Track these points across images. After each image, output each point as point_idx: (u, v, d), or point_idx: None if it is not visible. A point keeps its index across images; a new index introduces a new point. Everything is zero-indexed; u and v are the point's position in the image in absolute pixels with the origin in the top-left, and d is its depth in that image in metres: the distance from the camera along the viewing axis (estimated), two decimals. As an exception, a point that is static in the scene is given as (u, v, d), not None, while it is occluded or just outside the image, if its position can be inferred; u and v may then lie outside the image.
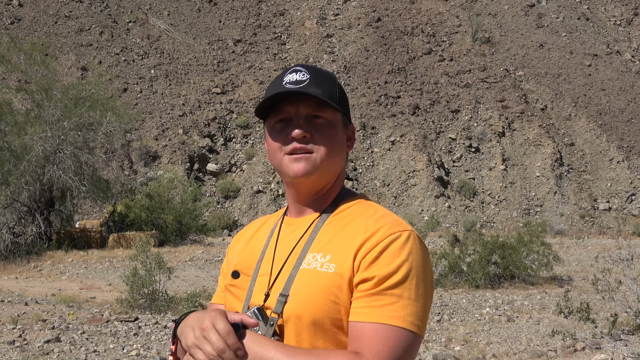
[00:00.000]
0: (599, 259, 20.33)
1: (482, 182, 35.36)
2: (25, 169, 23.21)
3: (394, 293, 1.65)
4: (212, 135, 36.21)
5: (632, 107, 40.11)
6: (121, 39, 40.57)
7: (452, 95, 39.72)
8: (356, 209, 1.88)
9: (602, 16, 50.14)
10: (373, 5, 46.75)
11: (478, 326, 12.99)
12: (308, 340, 1.72)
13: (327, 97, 1.81)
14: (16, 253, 22.64)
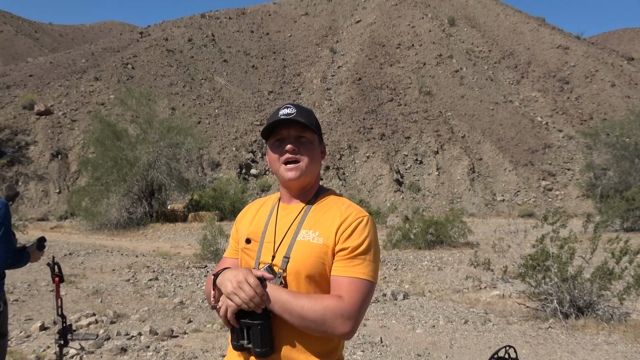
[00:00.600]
0: (496, 231, 21.26)
1: (424, 183, 35.72)
2: (136, 172, 23.54)
3: (361, 257, 1.75)
4: (253, 151, 37.00)
5: (518, 136, 40.44)
6: (196, 90, 40.48)
7: (405, 127, 40.24)
8: (330, 200, 1.92)
9: (501, 78, 50.58)
10: (356, 70, 46.98)
11: (420, 273, 13.15)
12: (304, 288, 1.77)
13: (310, 123, 1.86)
14: (130, 225, 22.72)
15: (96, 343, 6.23)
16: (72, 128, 34.46)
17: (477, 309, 8.88)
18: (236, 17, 58.40)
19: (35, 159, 31.97)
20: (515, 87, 49.95)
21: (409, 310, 8.56)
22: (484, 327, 7.64)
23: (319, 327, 1.66)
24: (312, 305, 1.66)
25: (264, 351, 1.70)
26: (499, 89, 48.65)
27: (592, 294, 7.90)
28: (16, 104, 35.57)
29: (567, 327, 7.48)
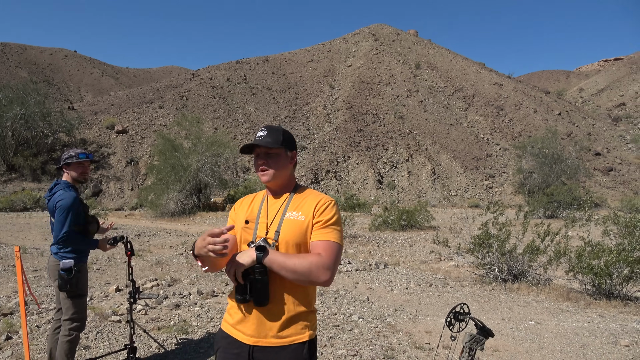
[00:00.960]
0: (452, 218, 21.40)
1: (398, 182, 35.58)
2: (188, 174, 23.21)
3: (332, 227, 1.79)
4: None
5: (467, 148, 40.28)
6: (232, 115, 40.49)
7: (384, 142, 40.09)
8: (308, 191, 1.92)
9: (454, 106, 50.49)
10: (348, 101, 46.93)
11: (396, 248, 13.04)
12: (292, 252, 1.77)
13: (272, 142, 1.84)
14: (183, 213, 22.27)
15: (157, 301, 6.15)
16: (142, 143, 34.47)
17: (439, 275, 8.79)
18: (261, 63, 58.68)
19: (115, 165, 31.99)
20: (464, 112, 50.10)
21: (388, 276, 8.47)
22: (444, 289, 7.59)
23: (307, 278, 1.69)
24: (301, 262, 1.69)
25: (262, 301, 1.73)
26: (452, 114, 48.76)
27: (523, 264, 7.86)
28: (101, 125, 35.66)
29: (505, 289, 7.43)
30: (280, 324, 1.77)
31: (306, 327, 1.80)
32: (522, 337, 5.13)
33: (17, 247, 3.37)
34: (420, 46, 69.00)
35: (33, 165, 29.51)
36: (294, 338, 1.77)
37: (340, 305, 6.22)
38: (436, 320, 5.74)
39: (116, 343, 4.57)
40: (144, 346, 4.49)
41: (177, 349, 4.47)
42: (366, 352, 4.50)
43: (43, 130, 32.05)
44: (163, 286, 7.12)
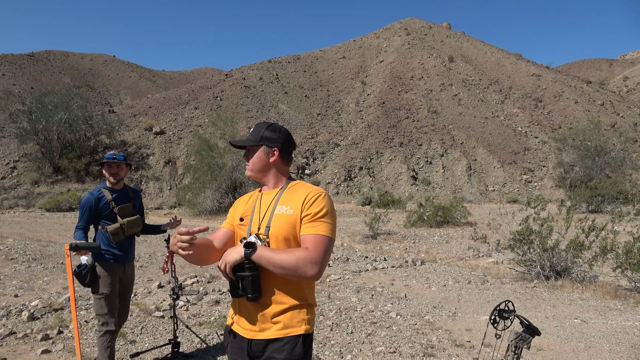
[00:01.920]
0: (490, 214, 20.83)
1: (433, 178, 35.09)
2: (224, 173, 23.49)
3: (321, 220, 1.75)
4: (307, 157, 36.57)
5: (503, 142, 39.34)
6: (265, 114, 40.79)
7: (418, 137, 39.63)
8: (298, 185, 1.90)
9: (489, 99, 49.43)
10: (380, 97, 46.68)
11: (432, 245, 12.91)
12: (282, 247, 1.77)
13: (250, 142, 1.90)
14: (219, 211, 22.24)
15: (198, 297, 6.27)
16: (179, 143, 35.29)
17: (477, 272, 8.62)
18: (293, 61, 58.89)
19: (153, 165, 32.89)
20: (500, 105, 48.85)
21: (426, 273, 8.37)
22: (483, 286, 7.43)
23: (294, 273, 1.67)
24: (288, 257, 1.67)
25: (254, 296, 1.73)
26: (488, 107, 47.61)
27: (567, 261, 7.58)
28: (140, 127, 36.73)
29: (548, 286, 7.20)
30: (274, 318, 1.78)
31: (302, 321, 1.79)
32: (567, 335, 4.97)
33: (67, 245, 3.51)
34: (454, 39, 67.63)
35: (77, 167, 30.75)
36: (288, 331, 1.77)
37: (377, 302, 6.19)
38: (476, 318, 5.63)
39: (160, 338, 4.70)
40: (187, 341, 4.60)
41: (219, 344, 4.55)
42: (405, 350, 4.46)
43: (86, 133, 33.36)
44: (203, 283, 7.26)
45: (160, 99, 46.17)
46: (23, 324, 5.15)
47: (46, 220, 18.38)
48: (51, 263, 9.05)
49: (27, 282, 7.40)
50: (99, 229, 3.65)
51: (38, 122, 30.57)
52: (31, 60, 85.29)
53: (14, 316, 5.42)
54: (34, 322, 5.22)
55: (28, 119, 30.72)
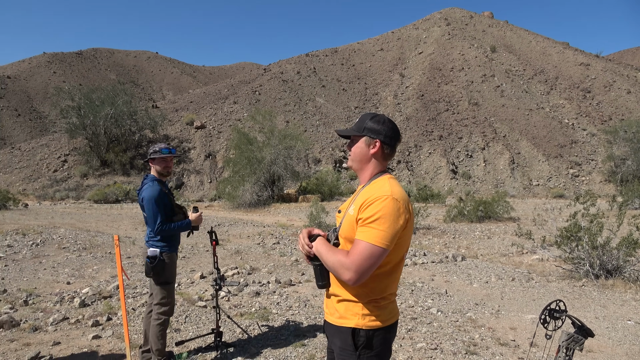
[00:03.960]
0: (535, 209, 20.22)
1: (473, 172, 34.26)
2: (262, 167, 23.61)
3: (370, 226, 1.68)
4: (344, 150, 35.69)
5: (549, 135, 37.93)
6: (303, 108, 41.05)
7: (458, 130, 38.80)
8: (375, 183, 1.83)
9: (534, 90, 47.58)
10: (419, 89, 46.05)
11: (473, 240, 12.45)
12: (346, 247, 1.79)
13: (354, 131, 1.87)
14: (258, 204, 22.53)
15: (239, 288, 6.38)
16: (219, 137, 35.98)
17: (522, 269, 8.33)
18: (330, 54, 58.73)
19: (194, 159, 33.72)
20: (545, 97, 47.01)
21: (467, 269, 8.18)
22: (528, 284, 7.19)
23: (334, 273, 1.74)
24: (331, 257, 1.73)
25: (320, 284, 1.84)
26: (532, 99, 45.92)
27: (619, 259, 7.22)
28: (182, 121, 37.70)
29: (598, 285, 6.90)
30: (336, 305, 1.85)
31: (355, 315, 1.79)
32: (619, 337, 4.74)
33: (116, 236, 3.65)
34: (496, 28, 65.53)
35: (123, 161, 31.95)
36: (343, 321, 1.82)
37: (417, 298, 6.11)
38: (521, 316, 5.46)
39: (203, 327, 4.81)
40: (229, 331, 4.69)
41: (259, 334, 4.62)
42: (447, 347, 4.38)
43: (131, 128, 34.59)
44: (243, 274, 7.37)
45: (200, 93, 47.20)
46: (75, 310, 5.40)
47: (94, 212, 19.19)
48: (100, 252, 9.45)
49: (78, 270, 7.75)
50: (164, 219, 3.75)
51: (86, 117, 31.90)
52: (79, 58, 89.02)
53: (66, 302, 5.70)
54: (85, 308, 5.47)
55: (77, 115, 32.13)
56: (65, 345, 4.32)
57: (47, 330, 4.71)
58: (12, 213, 17.47)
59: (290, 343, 4.38)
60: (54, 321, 4.89)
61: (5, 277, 7.15)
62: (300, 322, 5.00)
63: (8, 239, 10.68)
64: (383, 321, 1.81)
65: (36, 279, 7.07)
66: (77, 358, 4.03)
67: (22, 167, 31.74)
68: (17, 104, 67.11)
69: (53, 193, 27.34)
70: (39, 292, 6.19)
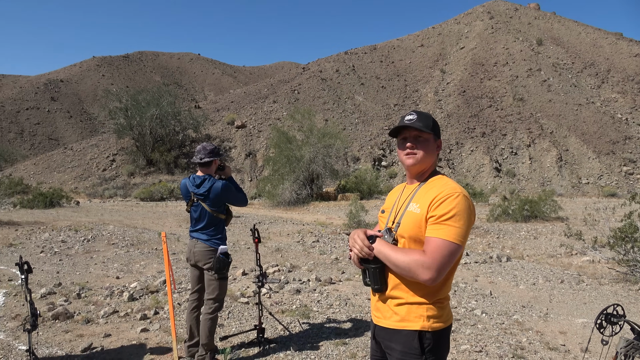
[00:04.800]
0: (586, 208, 19.33)
1: (518, 169, 33.18)
2: (302, 165, 23.76)
3: (445, 223, 1.67)
4: (383, 149, 35.98)
5: (600, 130, 36.32)
6: (342, 106, 41.22)
7: (502, 127, 37.72)
8: (437, 181, 1.84)
9: (584, 84, 45.67)
10: (461, 85, 45.12)
11: (519, 241, 12.17)
12: (408, 245, 1.76)
13: (423, 127, 1.82)
14: (298, 202, 22.61)
15: (279, 285, 6.45)
16: (259, 136, 36.51)
17: (571, 271, 7.99)
18: (369, 52, 58.33)
19: (235, 158, 34.36)
20: (596, 90, 44.90)
21: (512, 270, 7.92)
22: (579, 286, 6.89)
23: (408, 274, 1.68)
24: (403, 257, 1.67)
25: (377, 288, 1.79)
26: (582, 93, 43.98)
27: (679, 262, 6.79)
28: (223, 121, 38.52)
29: (656, 289, 6.50)
30: (395, 308, 1.79)
31: (420, 317, 1.75)
32: (681, 345, 4.45)
33: (163, 232, 3.76)
34: (543, 20, 63.11)
35: (167, 160, 32.98)
36: (405, 324, 1.76)
37: (460, 299, 5.99)
38: (571, 320, 5.24)
39: (246, 323, 4.90)
40: (270, 327, 4.75)
41: (300, 332, 4.65)
42: (493, 350, 4.26)
43: (174, 128, 35.66)
44: (283, 272, 7.43)
45: (241, 93, 48.00)
46: (124, 303, 5.61)
47: (141, 209, 19.89)
48: (146, 249, 9.78)
49: (126, 266, 8.05)
50: (220, 216, 3.88)
51: (133, 118, 33.15)
52: (126, 61, 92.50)
53: (116, 296, 5.94)
54: (134, 302, 5.68)
55: (124, 116, 33.44)
56: (115, 337, 4.50)
57: (99, 322, 4.92)
58: (65, 210, 18.37)
59: (331, 340, 4.39)
60: (104, 314, 5.11)
61: (60, 271, 7.53)
62: (341, 321, 4.99)
63: (62, 234, 11.24)
64: (445, 321, 1.80)
65: (88, 273, 7.40)
66: (127, 350, 4.18)
67: (74, 166, 33.34)
68: (69, 106, 70.53)
69: (102, 191, 28.53)
70: (90, 286, 6.47)
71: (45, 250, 9.35)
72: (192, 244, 3.86)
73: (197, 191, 3.79)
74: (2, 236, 10.97)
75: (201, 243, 3.80)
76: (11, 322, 4.89)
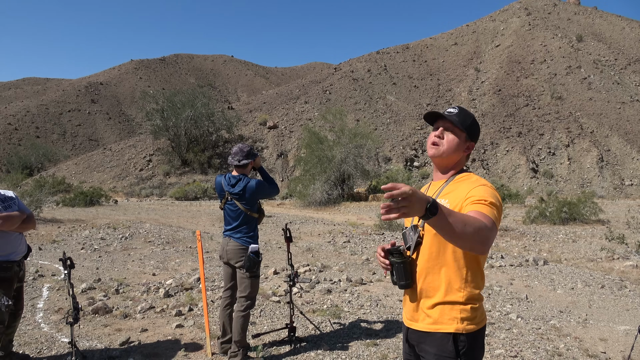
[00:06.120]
0: (630, 211, 18.63)
1: (556, 170, 32.22)
2: (333, 166, 23.73)
3: (484, 203, 1.59)
4: (416, 149, 35.69)
5: (645, 131, 35.35)
6: (373, 106, 41.06)
7: (539, 126, 36.69)
8: (465, 178, 1.80)
9: (627, 81, 43.71)
10: (496, 83, 44.22)
11: (556, 244, 11.75)
12: (433, 242, 1.71)
13: (458, 122, 1.79)
14: (329, 202, 22.52)
15: (310, 285, 6.48)
16: (290, 137, 36.77)
17: (612, 276, 7.68)
18: (402, 51, 57.80)
19: (267, 158, 34.74)
20: (640, 88, 43.01)
21: (549, 274, 7.67)
22: (621, 292, 6.61)
23: (473, 232, 1.40)
24: (472, 220, 1.43)
25: (403, 284, 1.75)
26: (625, 91, 42.21)
27: None
28: (255, 122, 39.00)
29: None
30: (427, 310, 1.75)
31: (453, 319, 1.70)
32: None
33: (198, 231, 3.85)
34: (583, 16, 60.95)
35: (201, 160, 33.67)
36: (439, 327, 1.71)
37: (494, 302, 5.86)
38: (612, 327, 5.05)
39: (277, 322, 4.95)
40: (302, 327, 4.78)
41: (331, 332, 4.66)
42: (528, 355, 4.15)
43: (208, 129, 36.34)
44: (314, 272, 7.46)
45: (273, 94, 48.50)
46: (160, 299, 5.78)
47: (176, 208, 20.39)
48: (181, 247, 10.02)
49: (162, 263, 8.27)
50: (253, 215, 3.95)
51: (169, 119, 34.05)
52: (162, 64, 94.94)
53: (152, 292, 6.12)
54: (169, 299, 5.83)
55: (160, 117, 34.38)
56: (151, 332, 4.63)
57: (136, 317, 5.07)
58: (104, 208, 19.04)
59: (362, 341, 4.38)
60: (141, 309, 5.27)
61: (100, 267, 7.81)
62: (372, 321, 4.98)
63: (101, 232, 11.66)
64: (479, 323, 1.75)
65: (125, 270, 7.64)
66: (162, 345, 4.30)
67: (112, 166, 34.50)
68: (108, 108, 73.01)
69: (139, 190, 29.39)
70: (128, 282, 6.68)
71: (86, 247, 9.72)
72: (225, 242, 3.94)
73: (232, 190, 3.87)
74: (46, 233, 11.47)
75: (233, 241, 3.87)
76: (54, 315, 5.10)
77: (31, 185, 24.10)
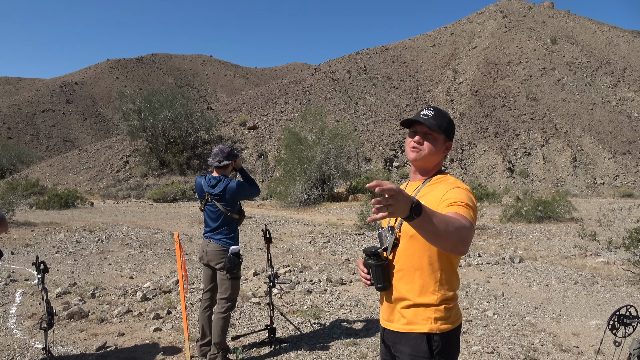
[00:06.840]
0: (601, 209, 19.06)
1: (532, 170, 32.87)
2: (313, 166, 23.74)
3: (460, 204, 1.58)
4: (395, 149, 35.92)
5: (616, 130, 35.84)
6: (353, 107, 41.29)
7: (515, 126, 37.38)
8: (442, 180, 1.81)
9: (599, 83, 45.10)
10: (473, 85, 44.92)
11: (532, 242, 11.97)
12: (408, 245, 1.72)
13: (435, 126, 1.78)
14: (309, 203, 22.48)
15: (290, 286, 6.47)
16: (270, 137, 36.66)
17: (585, 272, 7.91)
18: (381, 52, 58.22)
19: (247, 158, 34.54)
20: (611, 89, 44.28)
21: (525, 271, 7.86)
22: (593, 287, 6.82)
23: (454, 232, 1.37)
24: (445, 215, 1.39)
25: (380, 286, 1.76)
26: (597, 92, 43.41)
27: (697, 263, 6.68)
28: (235, 122, 38.76)
29: (673, 291, 6.40)
30: (402, 311, 1.75)
31: (427, 320, 1.70)
32: (698, 348, 4.38)
33: (176, 233, 3.82)
34: (557, 19, 62.43)
35: (180, 161, 33.29)
36: (412, 327, 1.72)
37: (472, 300, 5.96)
38: (585, 322, 5.19)
39: (257, 323, 4.93)
40: (282, 327, 4.78)
41: (311, 332, 4.67)
42: (504, 351, 4.23)
43: (187, 129, 35.99)
44: (295, 272, 7.46)
45: (253, 95, 48.25)
46: (137, 303, 5.69)
47: (154, 210, 20.09)
48: (159, 249, 9.89)
49: (139, 266, 8.15)
50: (234, 216, 3.94)
51: (146, 120, 33.56)
52: (140, 64, 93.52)
53: (129, 296, 6.02)
54: (147, 302, 5.75)
55: (138, 117, 33.83)
56: (129, 336, 4.56)
57: (113, 321, 4.99)
58: (80, 211, 18.64)
59: (342, 341, 4.40)
60: (118, 313, 5.18)
61: (75, 271, 7.65)
62: (352, 321, 5.00)
63: (77, 235, 11.41)
64: (454, 322, 1.75)
65: (102, 273, 7.50)
66: (140, 349, 4.24)
67: (88, 167, 33.81)
68: (83, 109, 71.55)
69: (116, 192, 28.89)
70: (104, 286, 6.56)
71: (61, 250, 9.50)
72: (205, 244, 3.92)
73: (212, 191, 3.85)
74: (19, 236, 11.17)
75: (214, 243, 3.85)
76: (28, 321, 4.98)
77: (3, 188, 23.41)
